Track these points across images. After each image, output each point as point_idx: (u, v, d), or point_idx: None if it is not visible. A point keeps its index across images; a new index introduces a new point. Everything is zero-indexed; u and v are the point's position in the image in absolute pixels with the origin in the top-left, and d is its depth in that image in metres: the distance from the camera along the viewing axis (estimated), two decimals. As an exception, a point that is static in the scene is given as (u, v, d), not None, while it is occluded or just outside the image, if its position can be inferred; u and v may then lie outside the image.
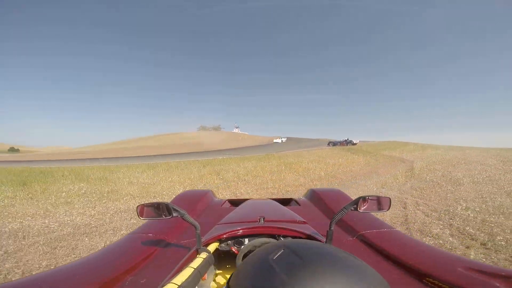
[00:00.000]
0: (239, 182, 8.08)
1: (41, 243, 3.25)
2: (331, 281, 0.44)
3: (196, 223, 0.92)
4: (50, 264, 2.74)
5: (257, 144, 50.18)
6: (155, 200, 0.96)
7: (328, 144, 34.43)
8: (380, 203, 1.02)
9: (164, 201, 0.96)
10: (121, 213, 4.64)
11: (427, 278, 0.81)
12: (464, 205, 4.69)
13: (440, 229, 3.53)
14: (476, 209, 4.37)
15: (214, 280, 0.99)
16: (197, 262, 0.77)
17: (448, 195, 5.64)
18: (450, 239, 3.17)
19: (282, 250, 0.54)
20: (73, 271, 0.86)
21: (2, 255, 2.87)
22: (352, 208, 0.92)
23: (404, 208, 4.71)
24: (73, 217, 4.39)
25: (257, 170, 10.69)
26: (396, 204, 5.04)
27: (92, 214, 4.60)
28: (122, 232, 3.72)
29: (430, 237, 3.26)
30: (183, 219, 0.91)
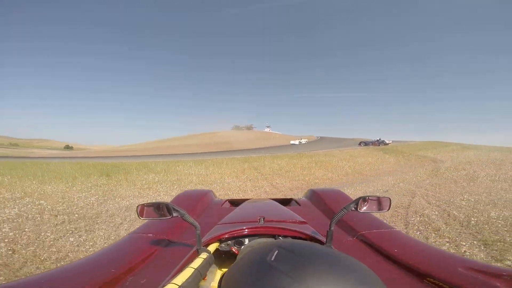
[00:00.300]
0: (274, 176, 9.54)
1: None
2: (333, 279, 0.45)
3: (196, 223, 0.92)
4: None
5: (287, 144, 50.89)
6: (155, 200, 1.04)
7: (360, 144, 34.04)
8: (380, 203, 1.03)
9: (164, 201, 0.98)
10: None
11: (427, 278, 0.81)
12: (465, 197, 5.58)
13: (432, 211, 4.61)
14: (473, 201, 5.25)
15: (214, 281, 0.99)
16: (197, 262, 0.77)
17: (458, 189, 6.47)
18: (435, 217, 4.26)
19: (277, 251, 0.54)
20: (73, 271, 0.87)
21: (130, 221, 4.57)
22: (352, 208, 0.94)
23: (412, 197, 5.75)
24: (161, 197, 6.22)
25: (289, 166, 12.05)
26: (407, 194, 6.07)
27: (173, 194, 6.40)
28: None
29: (420, 215, 4.38)
30: (183, 219, 0.92)
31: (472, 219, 4.12)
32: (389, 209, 1.04)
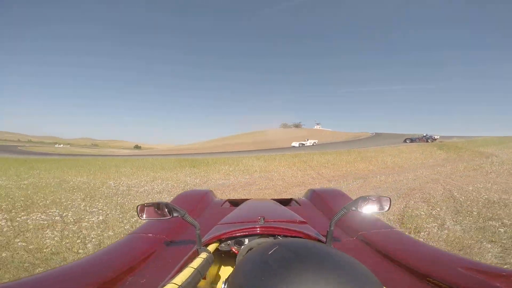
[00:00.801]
0: (321, 167, 11.53)
1: (237, 187, 7.66)
2: (325, 276, 0.46)
3: (196, 223, 0.92)
4: (242, 192, 6.96)
5: (337, 141, 50.41)
6: (155, 200, 0.96)
7: (405, 141, 31.32)
8: (380, 203, 1.03)
9: (164, 201, 0.98)
10: (259, 178, 8.92)
11: (427, 278, 0.81)
12: (477, 185, 6.68)
13: (438, 192, 6.13)
14: (483, 188, 6.35)
15: (214, 280, 1.00)
16: (197, 262, 0.77)
17: (482, 180, 7.47)
18: (436, 195, 5.78)
19: (277, 247, 0.56)
20: (73, 271, 0.88)
21: (222, 188, 7.26)
22: (352, 208, 0.94)
23: (431, 184, 7.16)
24: (239, 180, 8.90)
25: (336, 160, 13.79)
26: (430, 182, 7.48)
27: (246, 177, 9.14)
28: (264, 184, 7.80)
29: (424, 193, 5.95)
30: (183, 219, 0.92)
31: (463, 198, 5.40)
32: (389, 209, 1.04)
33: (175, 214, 0.94)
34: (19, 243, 3.11)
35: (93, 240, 3.34)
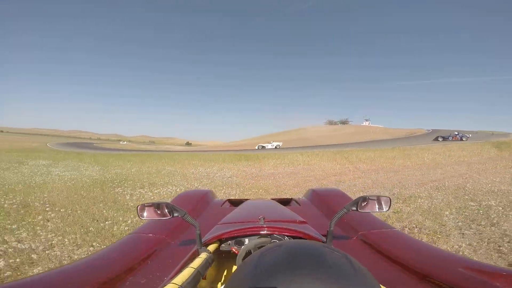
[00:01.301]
0: (359, 163, 12.90)
1: (285, 175, 9.70)
2: (320, 278, 0.44)
3: (196, 223, 0.93)
4: (293, 181, 8.94)
5: (387, 138, 48.33)
6: (155, 201, 0.99)
7: (437, 139, 29.37)
8: (380, 203, 1.04)
9: (164, 201, 0.98)
10: (302, 169, 10.82)
11: (427, 278, 0.81)
12: (494, 180, 7.54)
13: (452, 183, 7.23)
14: (498, 182, 7.21)
15: (214, 280, 1.00)
16: (197, 262, 0.77)
17: (506, 175, 8.21)
18: (448, 185, 6.95)
19: (277, 249, 0.54)
20: (73, 271, 0.88)
21: (273, 175, 9.33)
22: (352, 208, 0.95)
23: (457, 177, 8.16)
24: (285, 170, 10.97)
25: (376, 157, 14.84)
26: (457, 176, 8.42)
27: (291, 169, 11.24)
28: (306, 173, 9.64)
29: (443, 184, 7.16)
30: (183, 219, 0.93)
31: (472, 188, 6.40)
32: (389, 208, 1.05)
33: (175, 214, 0.95)
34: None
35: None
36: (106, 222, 4.09)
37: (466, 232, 3.56)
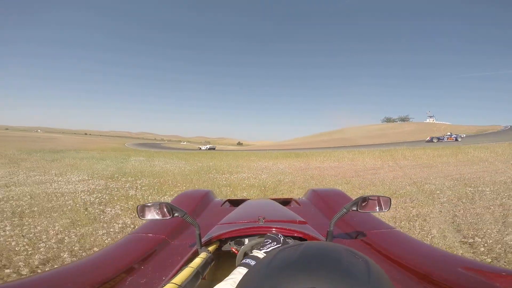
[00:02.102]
0: (402, 159, 14.04)
1: (329, 169, 11.73)
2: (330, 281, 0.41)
3: (196, 223, 0.94)
4: (341, 177, 10.93)
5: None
6: (155, 201, 1.01)
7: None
8: (380, 203, 1.04)
9: (164, 201, 0.99)
10: (346, 164, 12.63)
11: (427, 278, 0.82)
12: (489, 177, 8.34)
13: (468, 175, 8.26)
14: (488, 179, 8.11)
15: (214, 280, 0.97)
16: (197, 262, 0.79)
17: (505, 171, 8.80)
18: (463, 177, 8.07)
19: (296, 248, 0.51)
20: (73, 271, 0.89)
21: (319, 170, 11.39)
22: (353, 208, 0.96)
23: (481, 172, 9.00)
24: (330, 165, 12.97)
25: (422, 154, 15.48)
26: (481, 171, 9.25)
27: (336, 163, 13.19)
28: (348, 167, 11.48)
29: (462, 176, 8.31)
30: (183, 219, 0.94)
31: (476, 179, 7.56)
32: (389, 208, 1.05)
33: (175, 214, 0.96)
34: (245, 182, 8.50)
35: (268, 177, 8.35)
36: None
37: (445, 204, 5.22)
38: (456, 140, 28.37)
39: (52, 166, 11.07)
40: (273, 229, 1.07)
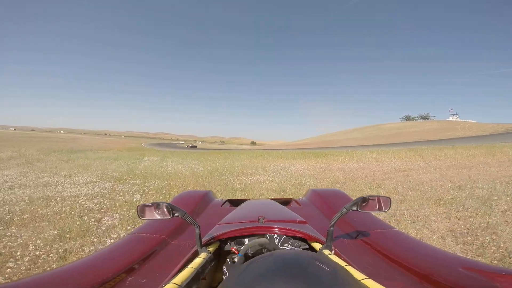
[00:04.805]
0: (433, 159, 12.75)
1: (353, 169, 10.76)
2: None
3: (196, 223, 0.93)
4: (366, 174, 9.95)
5: (481, 134, 41.55)
6: (155, 201, 0.94)
7: None
8: (380, 203, 1.05)
9: (164, 201, 0.98)
10: (370, 165, 11.60)
11: (427, 278, 0.81)
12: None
13: (489, 171, 7.18)
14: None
15: (214, 280, 1.00)
16: (197, 262, 0.78)
17: None
18: (479, 176, 6.99)
19: (267, 259, 0.54)
20: (73, 271, 0.88)
21: (349, 171, 10.44)
22: (353, 208, 0.96)
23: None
24: (354, 165, 11.93)
25: (453, 154, 14.13)
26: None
27: (360, 164, 12.10)
28: (374, 168, 10.45)
29: (483, 170, 7.20)
30: (183, 219, 0.93)
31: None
32: (389, 209, 1.05)
33: (175, 214, 0.95)
34: (262, 185, 7.72)
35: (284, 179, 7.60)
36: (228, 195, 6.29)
37: (508, 212, 4.29)
38: None
39: (64, 166, 10.83)
40: (276, 229, 1.08)
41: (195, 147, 71.78)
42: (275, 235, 1.07)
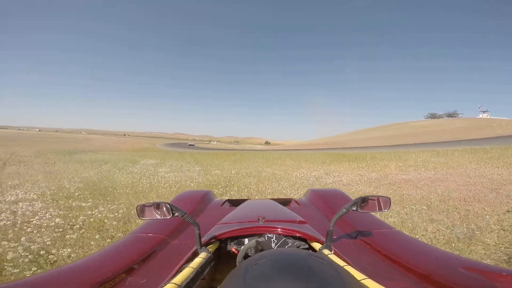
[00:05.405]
0: (468, 164, 9.38)
1: (430, 180, 7.03)
2: None
3: (196, 223, 0.93)
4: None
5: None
6: (155, 200, 1.02)
7: None
8: (380, 203, 1.04)
9: (164, 201, 0.97)
10: (449, 175, 7.87)
11: (427, 278, 0.81)
12: None
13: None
14: None
15: (214, 280, 1.00)
16: (197, 262, 0.78)
17: None
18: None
19: (263, 260, 0.54)
20: (73, 271, 0.88)
21: (431, 188, 6.83)
22: (353, 208, 0.95)
23: None
24: (424, 174, 8.19)
25: (482, 155, 11.30)
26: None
27: (431, 172, 8.27)
28: (465, 180, 6.79)
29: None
30: (183, 219, 0.93)
31: None
32: (389, 208, 1.05)
33: (175, 214, 0.94)
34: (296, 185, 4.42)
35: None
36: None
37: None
38: None
39: (28, 173, 8.64)
40: (276, 229, 1.08)
41: (193, 145, 76.75)
42: (272, 235, 1.05)
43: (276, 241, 1.03)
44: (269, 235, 1.04)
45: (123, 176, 8.55)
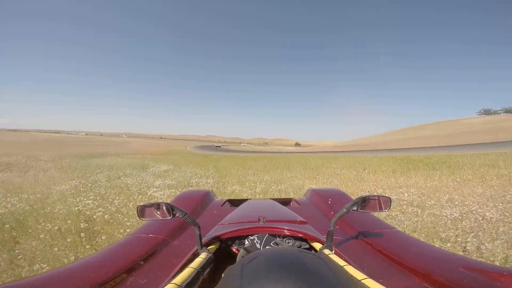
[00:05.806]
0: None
1: None
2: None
3: (197, 223, 0.92)
4: None
5: None
6: (154, 201, 0.95)
7: None
8: (381, 203, 1.03)
9: (164, 201, 0.95)
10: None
11: (427, 278, 0.78)
12: None
13: None
14: None
15: (214, 280, 0.98)
16: (197, 262, 0.77)
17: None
18: None
19: (256, 258, 0.56)
20: (73, 271, 0.85)
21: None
22: (353, 208, 0.93)
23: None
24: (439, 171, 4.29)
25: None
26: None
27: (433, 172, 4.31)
28: None
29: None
30: (183, 219, 0.91)
31: None
32: (389, 209, 1.03)
33: (175, 215, 0.93)
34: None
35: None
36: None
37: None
38: None
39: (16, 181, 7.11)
40: (277, 229, 1.08)
41: (219, 147, 79.85)
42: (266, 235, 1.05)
43: (263, 242, 0.98)
44: (253, 238, 1.01)
45: (93, 194, 5.71)
